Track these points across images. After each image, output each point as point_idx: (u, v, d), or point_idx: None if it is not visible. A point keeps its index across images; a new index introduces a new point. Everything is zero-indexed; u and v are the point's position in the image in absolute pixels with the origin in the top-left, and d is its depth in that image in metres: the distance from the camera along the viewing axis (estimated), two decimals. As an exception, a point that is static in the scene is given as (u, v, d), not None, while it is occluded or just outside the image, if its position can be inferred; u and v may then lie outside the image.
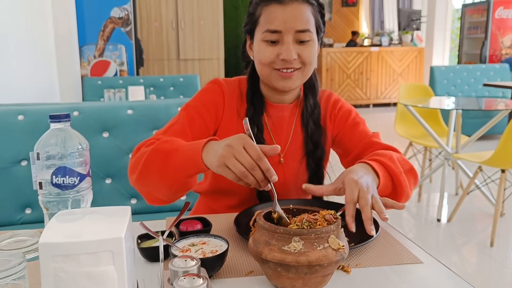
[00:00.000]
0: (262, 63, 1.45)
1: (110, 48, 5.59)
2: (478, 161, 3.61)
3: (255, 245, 0.95)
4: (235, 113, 1.55)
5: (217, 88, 1.56)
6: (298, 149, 1.57)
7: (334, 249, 0.91)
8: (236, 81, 1.61)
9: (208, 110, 1.51)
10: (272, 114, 1.57)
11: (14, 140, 2.06)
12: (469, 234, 3.85)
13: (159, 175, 1.27)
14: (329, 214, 0.99)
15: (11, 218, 2.06)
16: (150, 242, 1.15)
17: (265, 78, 1.49)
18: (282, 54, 1.41)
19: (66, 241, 0.75)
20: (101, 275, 0.75)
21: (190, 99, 1.56)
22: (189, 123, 1.48)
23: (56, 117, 0.99)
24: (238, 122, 1.54)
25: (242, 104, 1.56)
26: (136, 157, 1.35)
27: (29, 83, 4.08)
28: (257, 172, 1.07)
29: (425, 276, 1.05)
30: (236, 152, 1.07)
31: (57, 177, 0.97)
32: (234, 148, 1.08)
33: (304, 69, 1.46)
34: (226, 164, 1.08)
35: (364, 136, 1.58)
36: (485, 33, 9.10)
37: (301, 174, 1.57)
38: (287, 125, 1.58)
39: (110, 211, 0.89)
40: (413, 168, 1.44)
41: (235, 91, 1.58)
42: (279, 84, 1.47)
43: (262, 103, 1.56)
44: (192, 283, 0.80)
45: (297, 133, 1.58)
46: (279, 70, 1.44)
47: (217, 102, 1.54)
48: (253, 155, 1.07)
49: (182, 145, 1.26)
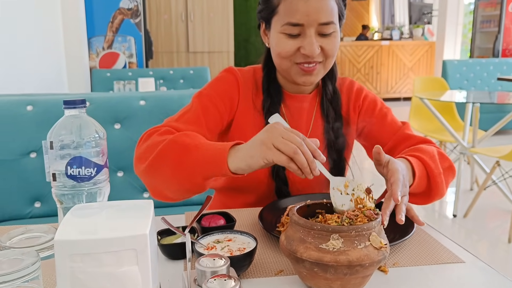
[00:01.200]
0: (282, 57, 1.35)
1: (119, 39, 5.51)
2: (496, 156, 3.52)
3: (288, 243, 0.87)
4: (251, 104, 1.46)
5: (232, 77, 1.47)
6: (319, 140, 1.48)
7: (376, 247, 0.83)
8: (250, 70, 1.52)
9: (222, 100, 1.42)
10: (290, 105, 1.48)
11: (22, 131, 1.99)
12: (486, 230, 3.77)
13: (173, 169, 1.15)
14: (368, 209, 0.90)
15: (20, 212, 2.00)
16: (170, 239, 1.07)
17: (284, 71, 1.39)
18: (304, 49, 1.30)
19: (85, 238, 0.67)
20: (123, 276, 0.68)
21: (203, 87, 1.46)
22: (203, 112, 1.37)
23: (71, 102, 0.91)
24: (254, 115, 1.45)
25: (258, 95, 1.47)
26: (147, 145, 1.23)
27: (37, 75, 4.02)
28: (306, 149, 0.99)
29: (467, 276, 0.97)
30: (282, 132, 1.01)
31: (72, 168, 0.89)
32: (278, 128, 1.02)
33: (326, 62, 1.36)
34: (276, 145, 1.00)
35: (395, 128, 1.49)
36: (498, 26, 8.96)
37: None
38: (306, 116, 1.49)
39: (131, 205, 0.81)
40: (452, 166, 1.35)
41: (250, 81, 1.48)
42: (299, 80, 1.37)
43: (280, 93, 1.46)
44: (224, 285, 0.72)
45: (317, 124, 1.49)
46: (300, 64, 1.34)
47: (232, 92, 1.45)
48: (298, 134, 1.01)
49: (204, 143, 1.15)
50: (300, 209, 0.95)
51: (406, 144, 1.43)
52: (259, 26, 1.48)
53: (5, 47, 3.38)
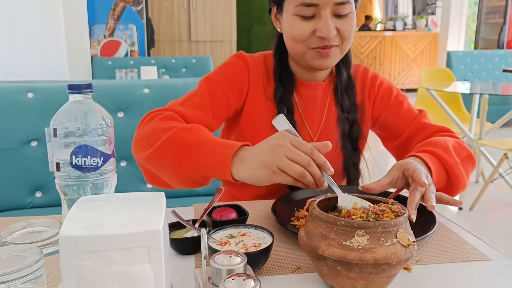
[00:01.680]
0: (296, 40, 1.28)
1: (121, 27, 5.44)
2: (505, 148, 3.46)
3: (308, 239, 0.81)
4: (262, 92, 1.40)
5: (242, 63, 1.40)
6: (333, 131, 1.42)
7: (403, 245, 0.77)
8: (261, 56, 1.45)
9: (231, 86, 1.35)
10: (303, 93, 1.41)
11: (23, 119, 1.93)
12: (492, 224, 3.72)
13: (173, 167, 1.10)
14: (396, 204, 0.84)
15: (21, 202, 1.95)
16: (180, 233, 1.01)
17: (298, 57, 1.33)
18: (319, 31, 1.24)
19: (93, 234, 0.61)
20: (134, 275, 0.62)
21: (211, 72, 1.39)
22: (210, 97, 1.31)
23: (76, 87, 0.85)
24: (266, 103, 1.39)
25: (269, 83, 1.41)
26: (147, 131, 1.17)
27: (38, 62, 3.95)
28: (314, 168, 0.94)
29: (497, 276, 0.91)
30: (287, 150, 0.94)
31: (77, 157, 0.83)
32: (284, 147, 0.94)
33: (342, 45, 1.30)
34: (281, 168, 0.94)
35: (411, 116, 1.42)
36: (503, 18, 8.87)
37: (336, 157, 1.42)
38: (320, 105, 1.42)
39: (141, 197, 0.75)
40: (471, 155, 1.28)
41: (260, 68, 1.42)
42: (315, 63, 1.31)
43: (292, 81, 1.40)
44: (243, 286, 0.66)
45: (331, 113, 1.43)
46: (315, 48, 1.27)
47: (242, 79, 1.38)
48: (305, 150, 0.94)
49: (206, 141, 1.07)
50: (320, 203, 0.89)
51: (423, 134, 1.37)
52: (270, 11, 1.41)
53: (6, 35, 3.32)
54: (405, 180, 1.09)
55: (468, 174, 1.26)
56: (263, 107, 1.39)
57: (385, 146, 1.51)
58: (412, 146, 1.37)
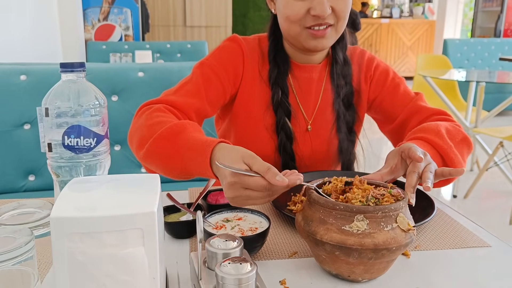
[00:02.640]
0: (290, 20, 1.24)
1: (115, 11, 5.37)
2: (500, 136, 3.45)
3: (306, 224, 0.80)
4: (257, 75, 1.37)
5: (236, 46, 1.37)
6: (328, 115, 1.40)
7: (403, 230, 0.76)
8: (255, 39, 1.42)
9: (225, 70, 1.32)
10: (299, 75, 1.38)
11: (16, 102, 1.90)
12: (486, 212, 3.72)
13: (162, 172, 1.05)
14: (395, 188, 0.83)
15: (14, 185, 1.92)
16: (174, 216, 1.00)
17: (293, 38, 1.29)
18: (314, 9, 1.20)
19: (85, 215, 0.59)
20: (128, 258, 0.60)
21: (205, 57, 1.36)
22: (204, 83, 1.28)
23: (69, 65, 0.82)
24: (261, 85, 1.36)
25: (264, 65, 1.38)
26: (138, 125, 1.14)
27: (32, 46, 3.91)
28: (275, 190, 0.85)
29: (496, 262, 0.90)
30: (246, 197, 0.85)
31: (69, 137, 0.80)
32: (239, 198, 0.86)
33: (337, 25, 1.26)
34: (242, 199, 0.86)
35: (407, 99, 1.39)
36: (501, 6, 8.84)
37: (331, 142, 1.41)
38: (315, 88, 1.40)
39: (135, 179, 0.74)
40: (466, 138, 1.24)
41: (255, 50, 1.39)
42: (310, 44, 1.27)
43: (287, 63, 1.37)
44: (239, 269, 0.64)
45: (327, 96, 1.40)
46: (310, 28, 1.24)
47: (236, 62, 1.35)
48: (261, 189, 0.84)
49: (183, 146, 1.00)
50: (318, 187, 0.87)
51: (419, 117, 1.34)
52: None
53: (-2, 17, 3.27)
54: (405, 166, 1.06)
55: (464, 157, 1.23)
56: (258, 89, 1.37)
57: (381, 130, 1.48)
58: (408, 129, 1.34)
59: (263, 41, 1.42)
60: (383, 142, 1.20)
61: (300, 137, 1.36)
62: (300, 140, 1.36)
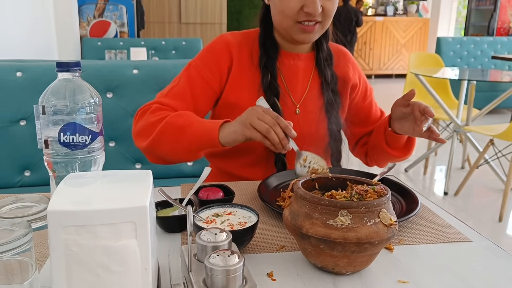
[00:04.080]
0: (285, 14, 1.37)
1: (111, 8, 5.38)
2: (491, 134, 3.50)
3: (293, 218, 0.83)
4: (249, 60, 1.48)
5: (220, 44, 1.48)
6: (316, 100, 1.51)
7: (385, 224, 0.79)
8: (247, 32, 1.55)
9: (210, 70, 1.45)
10: (286, 62, 1.51)
11: (12, 98, 1.93)
12: (477, 209, 3.77)
13: (171, 147, 1.29)
14: (379, 185, 0.86)
15: (9, 180, 1.95)
16: (166, 211, 1.03)
17: (284, 29, 1.42)
18: (307, 7, 1.34)
19: (80, 209, 0.62)
20: (121, 249, 0.63)
21: (194, 58, 1.50)
22: (189, 85, 1.43)
23: (65, 65, 0.85)
24: (251, 70, 1.47)
25: (256, 51, 1.49)
26: (144, 124, 1.35)
27: (27, 42, 3.91)
28: (278, 129, 1.14)
29: (476, 256, 0.93)
30: (258, 113, 1.17)
31: (65, 134, 0.83)
32: (256, 110, 1.18)
33: (324, 22, 1.41)
34: (252, 124, 1.16)
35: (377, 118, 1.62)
36: (494, 4, 8.88)
37: (319, 124, 1.51)
38: (303, 75, 1.51)
39: (128, 174, 0.77)
40: None
41: (249, 39, 1.52)
42: (299, 37, 1.41)
43: (276, 49, 1.49)
44: (227, 261, 0.68)
45: (315, 83, 1.52)
46: (301, 23, 1.37)
47: (221, 59, 1.46)
48: (272, 115, 1.16)
49: (196, 121, 1.28)
50: (304, 183, 0.91)
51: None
52: None
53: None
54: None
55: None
56: (249, 74, 1.47)
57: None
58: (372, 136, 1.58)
59: (255, 32, 1.54)
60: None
61: (288, 118, 1.43)
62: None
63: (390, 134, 1.43)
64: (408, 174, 4.53)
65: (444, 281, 0.83)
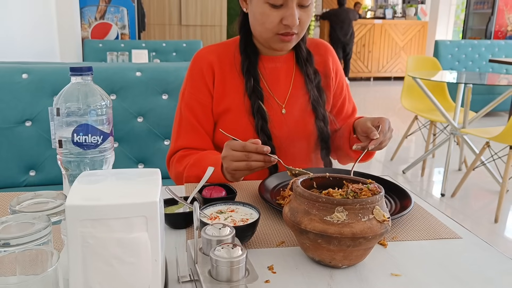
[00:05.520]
0: (265, 28, 1.43)
1: (112, 10, 5.44)
2: (487, 137, 3.55)
3: (292, 215, 0.88)
4: (231, 68, 1.54)
5: (201, 63, 1.55)
6: (301, 98, 1.56)
7: (379, 221, 0.84)
8: (226, 42, 1.61)
9: (201, 92, 1.53)
10: (267, 66, 1.56)
11: (17, 99, 1.98)
12: (473, 210, 3.82)
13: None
14: (373, 183, 0.92)
15: (15, 180, 2.00)
16: (172, 208, 1.08)
17: (263, 39, 1.49)
18: (286, 20, 1.39)
19: (96, 204, 0.67)
20: (133, 241, 0.68)
21: (183, 86, 1.57)
22: (192, 115, 1.52)
23: (78, 69, 0.90)
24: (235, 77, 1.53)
25: (238, 58, 1.55)
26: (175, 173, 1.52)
27: (29, 43, 3.96)
28: (253, 156, 1.20)
29: (466, 252, 0.98)
30: (229, 156, 1.23)
31: (78, 135, 0.89)
32: (226, 156, 1.25)
33: (300, 33, 1.47)
34: (232, 169, 1.24)
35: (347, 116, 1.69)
36: (492, 8, 8.95)
37: (306, 122, 1.56)
38: (284, 76, 1.57)
39: (137, 173, 0.82)
40: None
41: (228, 49, 1.57)
42: (277, 46, 1.48)
43: (256, 54, 1.55)
44: (231, 253, 0.73)
45: (298, 82, 1.57)
46: (280, 34, 1.43)
47: (205, 77, 1.53)
48: (238, 148, 1.21)
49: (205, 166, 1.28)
50: (303, 182, 0.96)
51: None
52: None
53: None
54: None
55: None
56: (233, 81, 1.53)
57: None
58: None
59: (237, 43, 1.58)
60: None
61: (275, 119, 1.53)
62: (276, 122, 1.52)
63: (354, 141, 1.47)
64: (406, 175, 4.58)
65: (433, 274, 0.89)
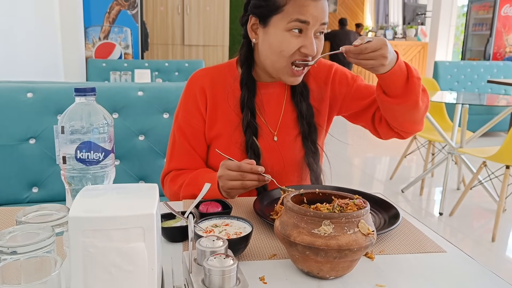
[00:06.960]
0: (283, 55, 1.39)
1: (116, 30, 5.54)
2: (483, 156, 3.60)
3: (282, 228, 0.93)
4: (224, 98, 1.53)
5: (195, 87, 1.54)
6: (291, 126, 1.55)
7: (364, 234, 0.89)
8: (225, 66, 1.59)
9: (194, 116, 1.54)
10: (263, 92, 1.54)
11: (22, 118, 2.02)
12: (471, 229, 3.85)
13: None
14: (358, 199, 0.97)
15: (18, 196, 2.04)
16: (169, 222, 1.13)
17: (275, 69, 1.45)
18: (306, 48, 1.37)
19: (97, 215, 0.72)
20: (131, 251, 0.73)
21: (178, 107, 1.59)
22: (185, 139, 1.55)
23: (82, 90, 0.96)
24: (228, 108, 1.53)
25: (233, 89, 1.53)
26: (170, 192, 1.56)
27: (34, 62, 4.04)
28: (248, 175, 1.27)
29: (449, 265, 1.03)
30: (225, 176, 1.29)
31: (81, 152, 0.94)
32: (222, 176, 1.30)
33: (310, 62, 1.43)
34: (228, 188, 1.31)
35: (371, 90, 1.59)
36: (490, 30, 9.06)
37: (297, 150, 1.56)
38: (276, 102, 1.55)
39: (136, 187, 0.87)
40: (426, 91, 1.48)
41: (221, 74, 1.56)
42: (288, 80, 1.46)
43: (254, 86, 1.53)
44: (223, 263, 0.78)
45: (288, 110, 1.56)
46: (293, 64, 1.40)
47: (199, 102, 1.53)
48: (234, 168, 1.27)
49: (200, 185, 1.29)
50: (294, 197, 1.01)
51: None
52: (243, 21, 1.51)
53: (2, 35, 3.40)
54: None
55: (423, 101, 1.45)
56: (226, 112, 1.53)
57: (355, 122, 1.67)
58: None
59: (232, 68, 1.57)
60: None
61: (267, 147, 1.52)
62: (268, 150, 1.52)
63: (380, 78, 1.42)
64: (405, 194, 4.62)
65: (417, 285, 0.93)
